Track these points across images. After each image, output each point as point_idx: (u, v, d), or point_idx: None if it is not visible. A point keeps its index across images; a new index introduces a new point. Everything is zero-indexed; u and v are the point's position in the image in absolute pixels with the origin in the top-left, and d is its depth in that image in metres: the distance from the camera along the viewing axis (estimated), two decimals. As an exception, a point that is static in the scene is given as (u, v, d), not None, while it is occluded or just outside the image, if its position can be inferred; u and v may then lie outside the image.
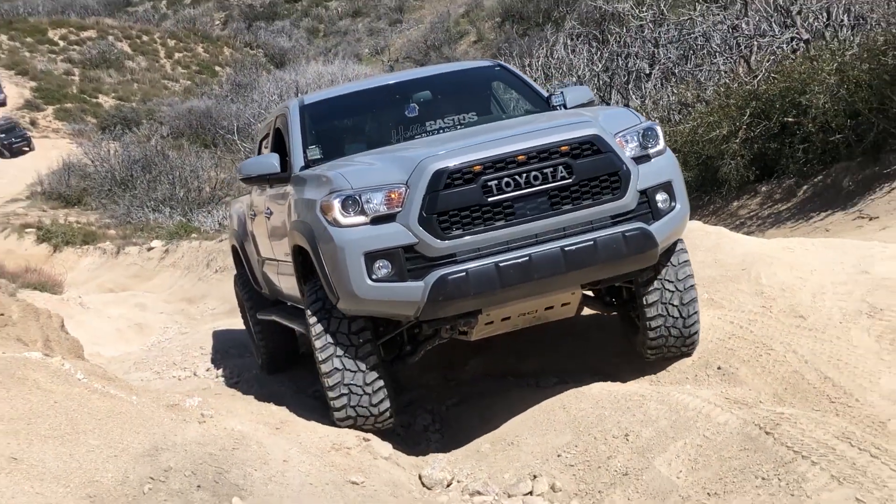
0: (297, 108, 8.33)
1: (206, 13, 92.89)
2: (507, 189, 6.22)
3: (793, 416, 6.19)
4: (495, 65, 9.08)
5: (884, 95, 13.38)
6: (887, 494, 5.29)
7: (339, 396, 6.75)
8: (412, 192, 6.21)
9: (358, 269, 6.30)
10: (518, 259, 6.23)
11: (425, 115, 8.35)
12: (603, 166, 6.39)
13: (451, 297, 6.22)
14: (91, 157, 45.14)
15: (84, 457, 5.37)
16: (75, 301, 21.82)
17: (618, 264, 6.49)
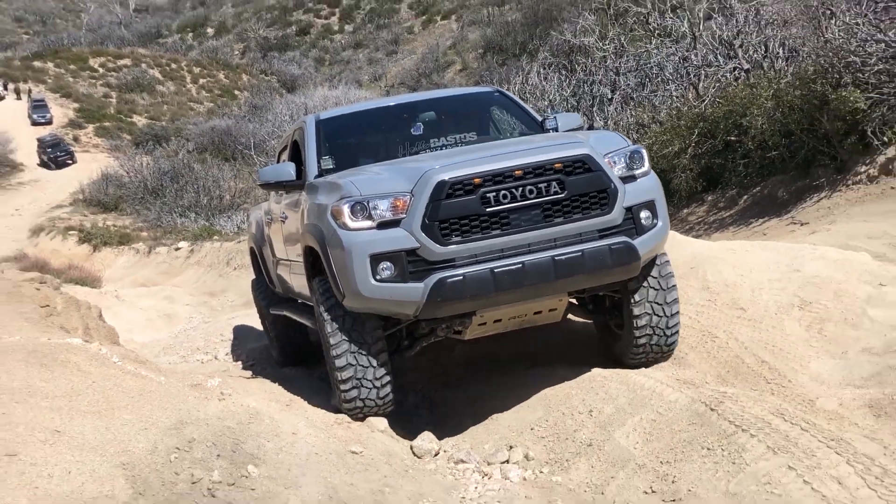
0: (313, 122, 8.16)
1: (227, 44, 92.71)
2: (503, 201, 6.06)
3: (734, 395, 6.20)
4: (495, 90, 8.90)
5: (813, 118, 13.41)
6: (815, 462, 5.30)
7: (351, 389, 6.57)
8: (416, 201, 6.05)
9: (363, 269, 6.13)
10: (512, 266, 6.07)
11: (430, 133, 8.17)
12: (593, 183, 6.23)
13: (449, 299, 6.07)
14: (126, 169, 45.05)
15: (118, 430, 5.35)
16: (112, 294, 21.74)
17: (603, 274, 6.32)
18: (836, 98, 12.74)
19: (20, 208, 47.64)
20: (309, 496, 5.27)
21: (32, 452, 4.87)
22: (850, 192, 12.69)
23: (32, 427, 5.14)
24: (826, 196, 13.11)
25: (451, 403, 7.76)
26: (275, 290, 9.86)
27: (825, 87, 13.24)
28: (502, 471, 6.18)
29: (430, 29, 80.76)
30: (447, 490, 5.88)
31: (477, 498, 5.78)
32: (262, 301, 10.19)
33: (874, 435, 5.67)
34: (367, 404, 6.67)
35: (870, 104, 12.55)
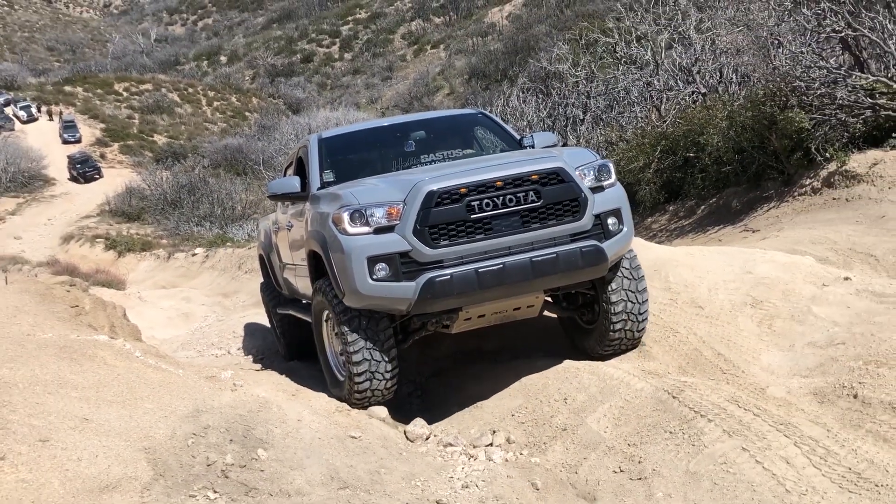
0: (316, 140, 8.18)
1: (239, 71, 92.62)
2: (486, 208, 6.12)
3: (693, 384, 6.21)
4: (478, 112, 8.94)
5: (763, 136, 13.45)
6: (766, 444, 5.31)
7: (364, 381, 6.58)
8: (408, 209, 6.10)
9: (361, 270, 6.16)
10: (494, 266, 6.12)
11: (421, 149, 8.22)
12: (565, 193, 6.29)
13: (438, 296, 6.11)
14: (148, 183, 45.02)
15: (141, 417, 5.33)
16: (135, 296, 21.68)
17: (575, 274, 6.37)
18: (784, 119, 12.78)
19: (52, 218, 47.49)
20: (313, 476, 5.26)
21: (63, 438, 4.85)
22: (797, 203, 12.72)
23: (63, 415, 5.13)
24: (775, 206, 13.15)
25: (440, 392, 7.75)
26: (281, 292, 9.80)
27: (774, 108, 13.28)
28: (486, 453, 6.17)
29: (421, 57, 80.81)
30: (437, 470, 5.87)
31: (464, 477, 5.76)
32: (270, 302, 10.12)
33: (818, 419, 5.68)
34: (374, 394, 6.70)
35: (813, 124, 12.60)
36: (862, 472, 5.00)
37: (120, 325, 10.00)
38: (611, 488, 5.41)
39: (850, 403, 5.80)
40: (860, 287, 7.75)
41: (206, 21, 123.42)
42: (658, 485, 5.26)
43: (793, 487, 4.91)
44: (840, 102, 12.44)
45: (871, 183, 11.58)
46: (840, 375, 6.15)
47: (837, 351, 6.58)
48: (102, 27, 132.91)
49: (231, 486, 4.90)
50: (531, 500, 5.48)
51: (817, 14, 13.02)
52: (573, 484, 5.60)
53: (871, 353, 6.37)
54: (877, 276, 8.74)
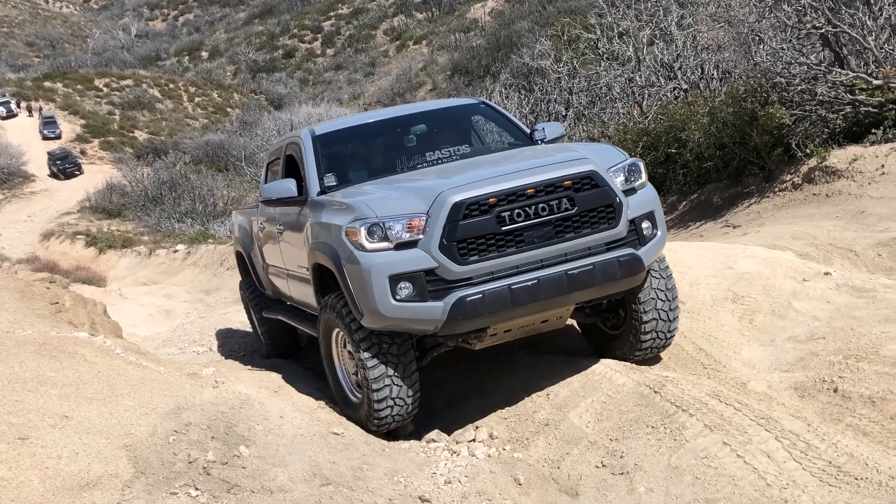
0: (309, 138, 7.52)
1: (220, 66, 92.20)
2: (518, 219, 5.65)
3: (675, 379, 6.23)
4: (480, 102, 8.33)
5: (744, 132, 13.51)
6: (747, 438, 5.34)
7: (385, 408, 6.12)
8: (433, 221, 5.61)
9: (383, 289, 5.66)
10: (528, 282, 5.67)
11: (423, 146, 7.63)
12: (600, 199, 5.86)
13: (469, 317, 5.64)
14: (128, 179, 44.73)
15: (121, 415, 5.30)
16: (116, 292, 21.58)
17: (612, 285, 5.96)
18: (764, 115, 12.85)
19: (32, 215, 47.18)
20: (295, 473, 5.25)
21: (43, 436, 4.82)
22: (777, 198, 12.79)
23: (43, 413, 5.09)
24: (756, 202, 13.21)
25: (423, 390, 7.74)
26: (263, 292, 9.47)
27: (755, 104, 13.35)
28: (469, 448, 6.17)
29: (404, 53, 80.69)
30: (420, 466, 5.87)
31: (447, 473, 5.77)
32: (253, 303, 9.74)
33: (799, 414, 5.72)
34: (395, 419, 6.26)
35: (794, 120, 12.67)
36: (842, 465, 5.03)
37: (100, 322, 9.94)
38: (593, 483, 5.42)
39: (830, 397, 5.85)
40: (840, 282, 7.80)
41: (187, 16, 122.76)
42: (640, 479, 5.28)
43: (774, 481, 4.94)
44: (820, 98, 12.52)
45: (851, 178, 11.66)
46: (820, 370, 6.20)
47: (818, 345, 6.62)
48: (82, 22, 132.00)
49: (213, 484, 4.87)
50: (514, 495, 5.49)
51: (798, 10, 13.08)
52: (555, 479, 5.61)
53: (850, 347, 6.42)
54: (857, 270, 8.80)
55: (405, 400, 6.17)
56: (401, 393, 6.13)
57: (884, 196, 10.90)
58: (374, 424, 6.23)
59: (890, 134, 11.69)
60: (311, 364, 8.89)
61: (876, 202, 10.87)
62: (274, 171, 8.58)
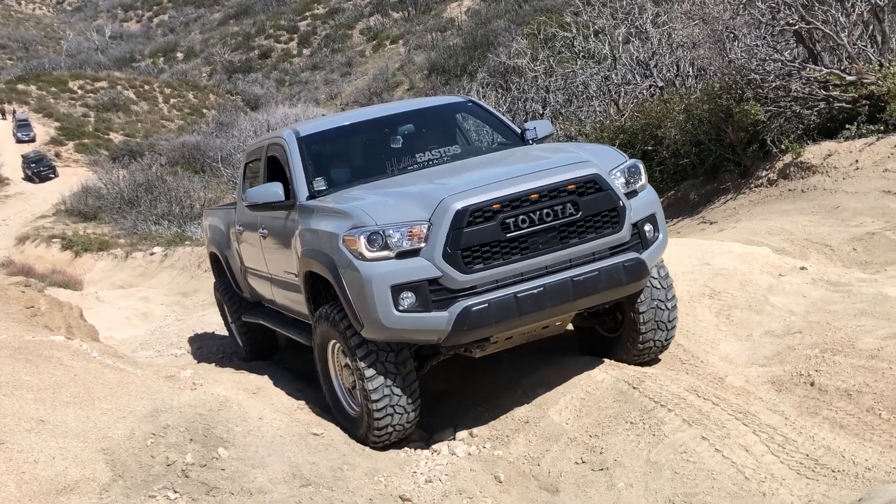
0: (294, 139, 7.25)
1: (196, 67, 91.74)
2: (523, 226, 5.50)
3: (653, 375, 6.26)
4: (467, 100, 8.09)
5: (720, 129, 13.58)
6: (725, 433, 5.38)
7: (384, 417, 5.93)
8: (436, 229, 5.44)
9: (384, 300, 5.48)
10: (533, 290, 5.54)
11: (412, 147, 7.39)
12: (604, 203, 5.74)
13: (475, 327, 5.49)
14: (104, 181, 44.39)
15: (98, 418, 5.27)
16: (92, 296, 21.45)
17: (617, 290, 5.87)
18: (740, 111, 12.92)
19: (7, 219, 46.75)
20: (274, 474, 5.23)
21: (19, 440, 4.78)
22: (753, 194, 12.87)
23: (19, 417, 5.05)
24: (732, 198, 13.29)
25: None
26: (241, 294, 9.23)
27: (730, 101, 13.42)
28: (449, 447, 6.17)
29: (380, 52, 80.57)
30: (400, 465, 5.87)
31: (427, 472, 5.77)
32: (230, 305, 9.52)
33: (776, 407, 5.77)
34: (396, 431, 6.06)
35: (769, 116, 12.75)
36: (819, 458, 5.08)
37: (77, 325, 9.88)
38: (573, 479, 5.44)
39: (807, 391, 5.90)
40: (816, 276, 7.86)
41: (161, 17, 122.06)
42: (619, 475, 5.30)
43: (752, 475, 4.98)
44: (795, 95, 12.60)
45: (826, 174, 11.75)
46: (797, 364, 6.25)
47: (794, 340, 6.68)
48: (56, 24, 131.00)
49: (191, 486, 4.85)
50: (494, 493, 5.50)
51: (771, 7, 13.17)
52: (536, 476, 5.62)
53: (826, 341, 6.47)
54: (832, 265, 8.87)
55: (405, 410, 5.98)
56: (400, 402, 5.95)
57: (858, 191, 11.00)
58: (375, 437, 6.04)
59: (863, 129, 11.79)
60: (290, 365, 8.87)
61: (850, 197, 10.97)
62: (254, 172, 8.37)
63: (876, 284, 7.56)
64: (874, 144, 11.49)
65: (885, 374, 5.76)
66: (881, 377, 5.75)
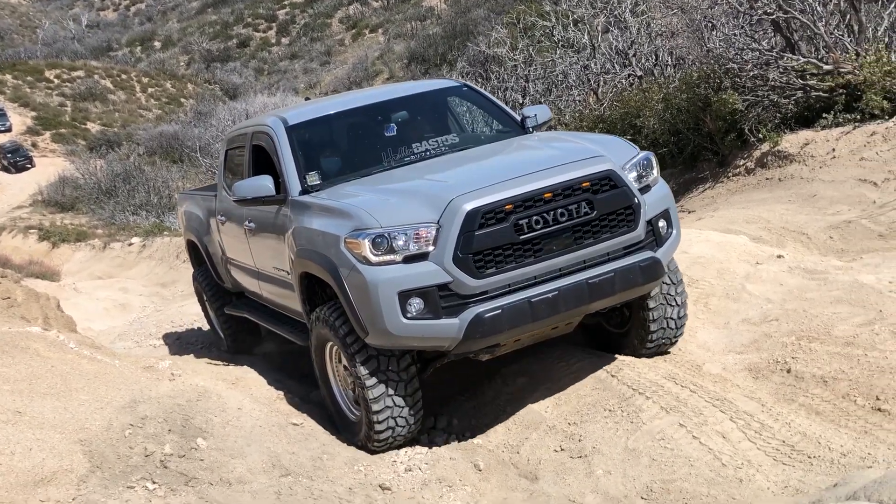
0: (283, 128, 6.82)
1: (173, 56, 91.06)
2: (537, 227, 5.24)
3: (631, 363, 6.29)
4: (462, 85, 7.69)
5: (698, 118, 13.63)
6: (703, 420, 5.42)
7: (385, 429, 5.71)
8: (446, 232, 5.16)
9: (392, 307, 5.20)
10: (548, 294, 5.30)
11: (408, 136, 6.98)
12: (619, 201, 5.49)
13: (488, 334, 5.25)
14: (81, 171, 44.05)
15: (76, 409, 5.24)
16: (70, 287, 21.32)
17: (633, 291, 5.67)
18: (718, 100, 12.97)
19: (-18, 210, 46.34)
20: (254, 464, 5.23)
21: (-5, 432, 4.75)
22: (731, 183, 12.93)
23: (-5, 409, 5.02)
24: (710, 187, 13.35)
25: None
26: (222, 285, 8.92)
27: (708, 90, 13.47)
28: (429, 436, 6.19)
29: (360, 41, 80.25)
30: (380, 454, 5.88)
31: (406, 461, 5.78)
32: (210, 295, 9.24)
33: (753, 394, 5.81)
34: (397, 439, 5.85)
35: (746, 105, 12.80)
36: (795, 444, 5.13)
37: (54, 316, 9.81)
38: (552, 467, 5.47)
39: (783, 378, 5.94)
40: (793, 264, 7.92)
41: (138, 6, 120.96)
42: (598, 462, 5.33)
43: (729, 461, 5.02)
44: (772, 84, 12.66)
45: (803, 163, 11.82)
46: (774, 351, 6.29)
47: (771, 327, 6.72)
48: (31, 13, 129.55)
49: (170, 477, 4.84)
50: (474, 481, 5.52)
51: (749, -3, 13.22)
52: (515, 464, 5.64)
53: (803, 328, 6.52)
54: (809, 253, 8.93)
55: (406, 419, 5.75)
56: (403, 413, 5.71)
57: (835, 179, 11.07)
58: (375, 445, 5.83)
59: (840, 118, 11.86)
60: (270, 356, 8.85)
61: (827, 186, 11.04)
62: (237, 162, 7.95)
63: (852, 272, 7.62)
64: (851, 133, 11.57)
65: (861, 361, 5.82)
66: (856, 364, 5.81)
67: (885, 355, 5.81)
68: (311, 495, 5.00)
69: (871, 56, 11.83)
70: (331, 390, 6.29)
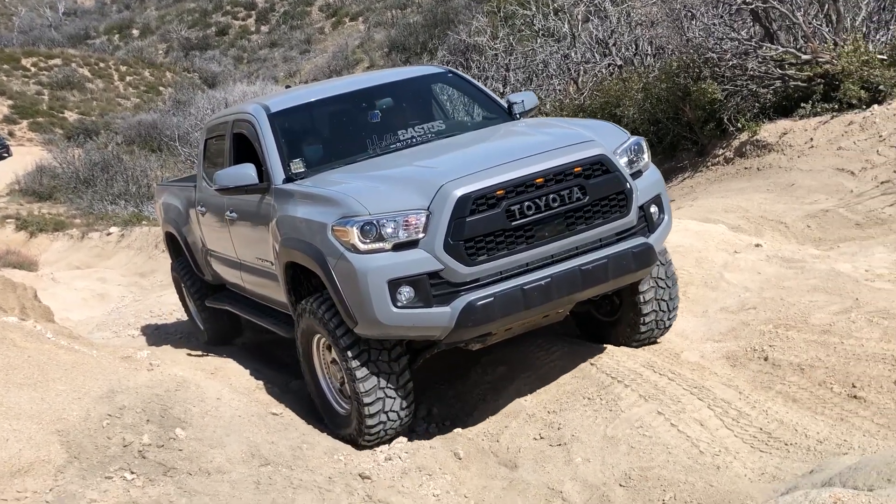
0: (265, 115, 6.70)
1: (152, 44, 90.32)
2: (528, 213, 5.17)
3: (610, 351, 6.31)
4: (447, 71, 7.55)
5: (677, 107, 13.67)
6: (681, 407, 5.45)
7: (377, 423, 5.64)
8: (436, 218, 5.08)
9: (381, 296, 5.11)
10: (541, 281, 5.23)
11: (393, 123, 6.89)
12: (611, 186, 5.43)
13: (479, 322, 5.17)
14: (59, 160, 43.55)
15: (53, 400, 5.21)
16: (48, 277, 21.11)
17: (625, 278, 5.62)
18: (697, 90, 13.01)
19: (-41, 199, 45.87)
20: (233, 454, 5.22)
21: (-29, 423, 4.72)
22: (710, 172, 12.99)
23: (-29, 400, 4.98)
24: (689, 176, 13.40)
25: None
26: (202, 277, 8.74)
27: (687, 80, 13.51)
28: (410, 425, 6.20)
29: (340, 30, 79.88)
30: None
31: (386, 450, 5.79)
32: (190, 287, 9.02)
33: (731, 382, 5.85)
34: (388, 433, 5.77)
35: (725, 95, 12.85)
36: (772, 431, 5.17)
37: (31, 306, 9.71)
38: (531, 455, 5.49)
39: (760, 366, 5.98)
40: (770, 253, 7.97)
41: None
42: (577, 450, 5.35)
43: (706, 449, 5.05)
44: (751, 73, 12.71)
45: (781, 152, 11.89)
46: (751, 339, 6.34)
47: (749, 315, 6.77)
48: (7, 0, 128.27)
49: (149, 467, 4.83)
50: (454, 469, 5.53)
51: (728, -14, 13.26)
52: (495, 452, 5.66)
53: (780, 316, 6.57)
54: (786, 242, 9.00)
55: (398, 412, 5.69)
56: (394, 406, 5.64)
57: (812, 169, 11.15)
58: (366, 440, 5.75)
59: (818, 108, 11.94)
60: (250, 345, 8.83)
61: (805, 175, 11.11)
62: (217, 150, 7.79)
63: (829, 261, 7.69)
64: (828, 123, 11.64)
65: (837, 349, 5.87)
66: (833, 352, 5.86)
67: (861, 343, 5.86)
68: (290, 485, 5.00)
69: (848, 46, 11.90)
70: (318, 383, 6.16)
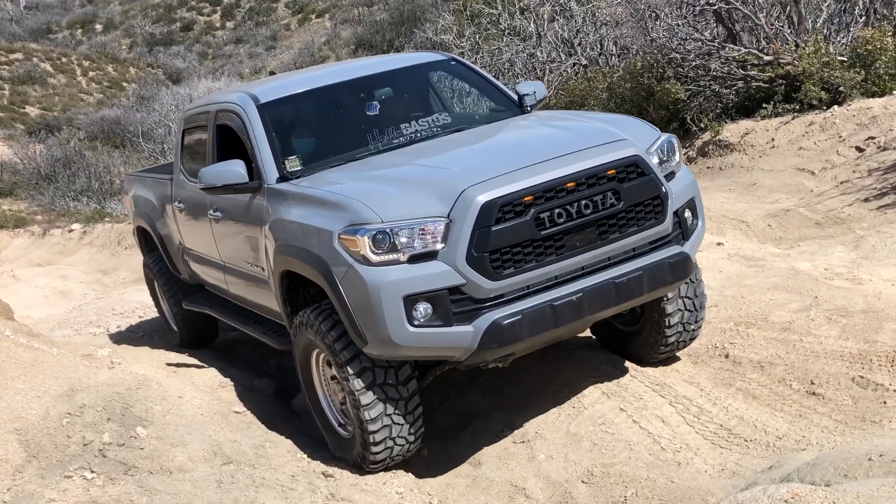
0: (254, 107, 6.04)
1: (115, 39, 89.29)
2: (559, 221, 4.64)
3: (572, 348, 6.34)
4: (450, 58, 6.87)
5: (642, 107, 13.76)
6: (643, 404, 5.50)
7: (383, 450, 5.15)
8: (458, 227, 4.53)
9: (396, 313, 4.55)
10: (571, 296, 4.71)
11: (394, 115, 6.28)
12: (647, 190, 4.93)
13: (506, 343, 4.63)
14: (20, 156, 42.95)
15: (11, 398, 5.15)
16: (9, 274, 20.85)
17: (661, 291, 5.16)
18: (660, 90, 13.11)
19: (-84, 195, 45.10)
20: (195, 452, 5.18)
21: (-73, 422, 4.64)
22: (674, 172, 13.09)
23: (-74, 399, 4.90)
24: (653, 175, 13.50)
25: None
26: (178, 276, 8.09)
27: (651, 80, 13.61)
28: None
29: (306, 26, 79.44)
30: (322, 441, 5.86)
31: (350, 448, 5.77)
32: (162, 285, 8.39)
33: (692, 379, 5.90)
34: (394, 459, 5.29)
35: (688, 95, 12.96)
36: (732, 428, 5.23)
37: (-10, 304, 9.57)
38: (495, 452, 5.51)
39: (721, 363, 6.04)
40: (732, 252, 8.05)
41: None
42: (540, 447, 5.38)
43: (668, 445, 5.10)
44: (714, 74, 12.83)
45: (743, 152, 12.01)
46: (713, 336, 6.39)
47: (710, 313, 6.81)
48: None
49: (109, 466, 4.78)
50: (417, 466, 5.54)
51: (692, -13, 13.37)
52: (458, 450, 5.68)
53: (741, 314, 6.64)
54: (748, 241, 9.09)
55: (406, 438, 5.19)
56: (402, 432, 5.13)
57: (773, 168, 11.28)
58: (370, 466, 5.27)
59: (780, 108, 12.07)
60: (215, 343, 8.76)
61: (766, 174, 11.24)
62: (197, 142, 7.13)
63: (789, 259, 7.78)
64: (789, 123, 11.78)
65: (796, 346, 5.94)
66: (792, 349, 5.93)
67: (820, 340, 5.94)
68: (253, 483, 4.97)
69: (810, 47, 12.04)
70: (317, 401, 5.63)
